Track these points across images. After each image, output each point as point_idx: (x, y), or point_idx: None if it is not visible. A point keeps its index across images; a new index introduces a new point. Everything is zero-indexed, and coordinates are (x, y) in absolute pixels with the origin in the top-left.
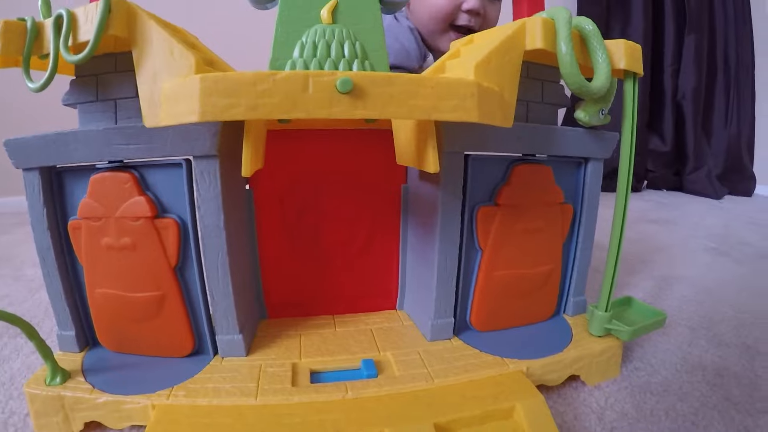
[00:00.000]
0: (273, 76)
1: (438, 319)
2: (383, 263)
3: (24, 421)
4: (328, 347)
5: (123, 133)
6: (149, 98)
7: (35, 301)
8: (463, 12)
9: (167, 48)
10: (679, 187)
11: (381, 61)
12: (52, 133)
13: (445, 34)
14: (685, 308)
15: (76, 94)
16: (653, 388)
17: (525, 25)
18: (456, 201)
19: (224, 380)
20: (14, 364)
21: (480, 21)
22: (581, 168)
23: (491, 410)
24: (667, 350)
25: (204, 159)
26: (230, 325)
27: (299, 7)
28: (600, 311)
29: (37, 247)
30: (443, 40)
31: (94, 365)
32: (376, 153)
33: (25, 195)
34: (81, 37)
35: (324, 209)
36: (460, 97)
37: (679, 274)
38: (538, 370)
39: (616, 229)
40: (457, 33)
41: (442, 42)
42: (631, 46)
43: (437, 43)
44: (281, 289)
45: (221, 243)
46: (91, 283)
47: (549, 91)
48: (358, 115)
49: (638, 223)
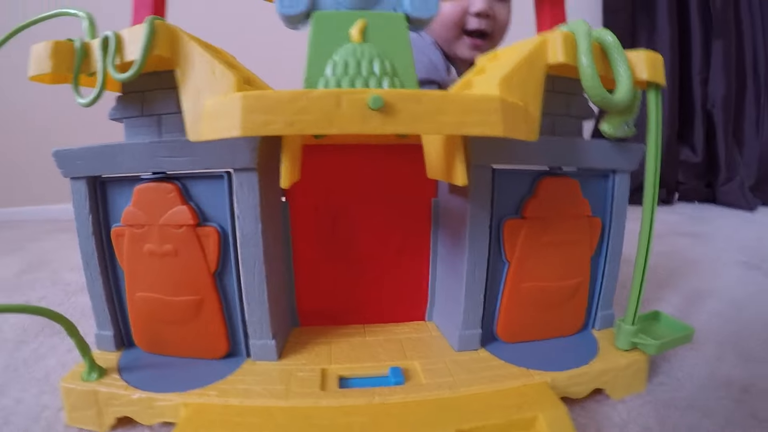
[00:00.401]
0: (308, 94)
1: (465, 330)
2: (413, 275)
3: (57, 415)
4: (357, 355)
5: (167, 146)
6: (192, 114)
7: (71, 304)
8: (471, 16)
9: (209, 68)
10: (711, 199)
11: (410, 78)
12: (100, 145)
13: (460, 39)
14: (713, 323)
15: (122, 109)
16: (678, 403)
17: (546, 40)
18: (484, 213)
19: (255, 382)
20: (49, 362)
21: (490, 23)
22: (608, 180)
23: (514, 420)
24: (693, 365)
25: (243, 171)
26: (264, 330)
27: (330, 27)
28: (627, 325)
29: (81, 251)
30: (459, 46)
31: (129, 364)
32: (407, 167)
33: (72, 203)
34: (127, 57)
35: (356, 221)
36: (485, 112)
37: (709, 288)
38: (563, 382)
39: (642, 240)
40: (470, 38)
41: (458, 48)
42: (653, 56)
43: (454, 51)
44: (313, 298)
45: (258, 251)
46: (131, 287)
47: (574, 103)
48: (389, 131)
49: (669, 236)
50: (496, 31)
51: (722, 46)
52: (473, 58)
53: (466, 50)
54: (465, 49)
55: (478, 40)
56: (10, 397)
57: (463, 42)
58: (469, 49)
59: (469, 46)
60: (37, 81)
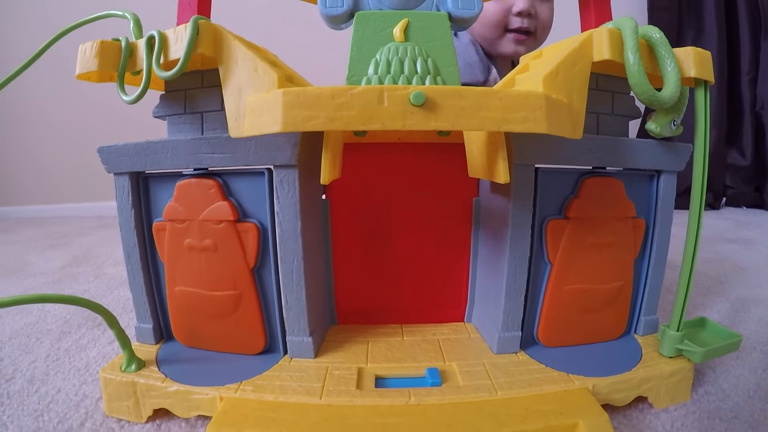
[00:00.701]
0: (350, 90)
1: (505, 333)
2: (453, 275)
3: (95, 405)
4: (395, 354)
5: (209, 143)
6: (235, 111)
7: (113, 297)
8: (514, 16)
9: (252, 66)
10: (759, 204)
11: (452, 77)
12: (143, 141)
13: (503, 38)
14: (762, 332)
15: (165, 107)
16: (723, 414)
17: (592, 37)
18: (526, 214)
19: (291, 379)
20: (90, 353)
21: (533, 22)
22: (654, 181)
23: (554, 426)
24: (740, 375)
25: (284, 168)
26: (301, 327)
27: (373, 27)
28: (672, 331)
29: (123, 245)
30: (503, 44)
31: (167, 357)
32: (448, 166)
33: (115, 197)
34: (171, 56)
35: (396, 220)
36: (529, 108)
37: (758, 295)
38: (605, 388)
39: (689, 242)
40: (515, 34)
41: (502, 47)
42: (701, 53)
43: (498, 49)
44: (352, 296)
45: (297, 248)
46: (171, 281)
47: (619, 102)
48: (431, 127)
49: (716, 242)
50: (539, 29)
51: None
52: (517, 54)
53: (510, 45)
54: (509, 44)
55: (522, 35)
56: (51, 385)
57: (506, 39)
58: (514, 44)
59: (513, 41)
60: (83, 79)
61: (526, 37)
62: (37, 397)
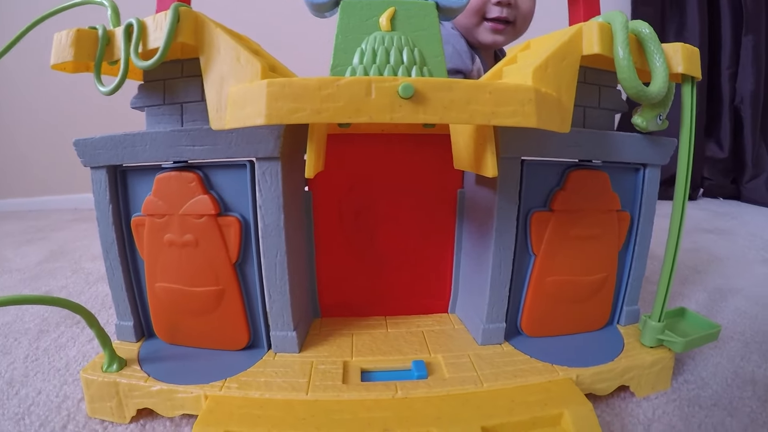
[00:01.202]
0: (337, 82)
1: (489, 324)
2: (437, 266)
3: (77, 406)
4: (380, 347)
5: (189, 135)
6: (216, 102)
7: (92, 294)
8: (493, 5)
9: (234, 55)
10: (736, 196)
11: (439, 67)
12: (120, 134)
13: (480, 26)
14: (739, 321)
15: (144, 97)
16: (702, 401)
17: (581, 30)
18: (512, 206)
19: (276, 375)
20: (70, 352)
21: (513, 12)
22: (638, 174)
23: (539, 416)
24: (718, 364)
25: (267, 161)
26: (285, 321)
27: (358, 15)
28: (653, 321)
29: (101, 241)
30: (480, 33)
31: (149, 355)
32: (433, 157)
33: (92, 192)
34: (150, 44)
35: (380, 212)
36: (519, 102)
37: (734, 285)
38: (588, 378)
39: (672, 236)
40: (492, 23)
41: (479, 35)
42: (689, 49)
43: (476, 37)
44: (335, 290)
45: (280, 242)
46: (151, 277)
47: (606, 96)
48: (419, 120)
49: (693, 232)
50: (518, 19)
51: (752, 41)
52: (495, 44)
53: (488, 35)
54: (487, 34)
55: (499, 24)
56: (31, 387)
57: (483, 27)
58: (491, 33)
59: (490, 30)
60: (58, 69)
61: (504, 27)
62: (18, 399)
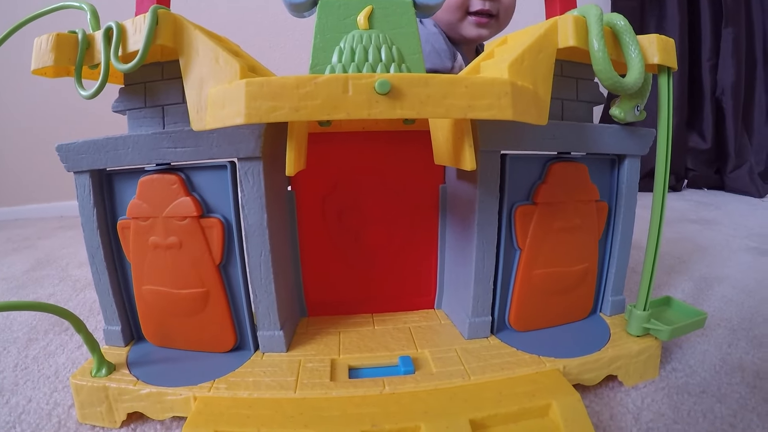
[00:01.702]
0: (314, 80)
1: (475, 318)
2: (422, 262)
3: (68, 413)
4: (367, 344)
5: (170, 137)
6: (196, 103)
7: (80, 300)
8: None
9: (213, 56)
10: (720, 186)
11: (417, 65)
12: (102, 138)
13: (464, 21)
14: (725, 309)
15: (125, 101)
16: (691, 389)
17: (557, 24)
18: (493, 199)
19: (264, 374)
20: (59, 359)
21: (495, 4)
22: (618, 165)
23: (527, 408)
24: (706, 351)
25: (248, 161)
26: (271, 321)
27: (336, 14)
28: (638, 310)
29: (87, 246)
30: (464, 27)
31: (138, 359)
32: (414, 154)
33: (76, 197)
34: (130, 48)
35: (364, 209)
36: (495, 95)
37: (720, 274)
38: (575, 369)
39: (654, 224)
40: (476, 17)
41: (464, 30)
42: (664, 40)
43: (460, 33)
44: (321, 288)
45: (264, 241)
46: (138, 280)
47: (584, 88)
48: (396, 115)
49: (678, 222)
50: (501, 12)
51: (732, 33)
52: (480, 37)
53: (472, 29)
54: (471, 28)
55: (483, 18)
56: (21, 395)
57: (467, 22)
58: (475, 27)
59: (474, 24)
60: (39, 75)
61: (488, 20)
62: (8, 408)
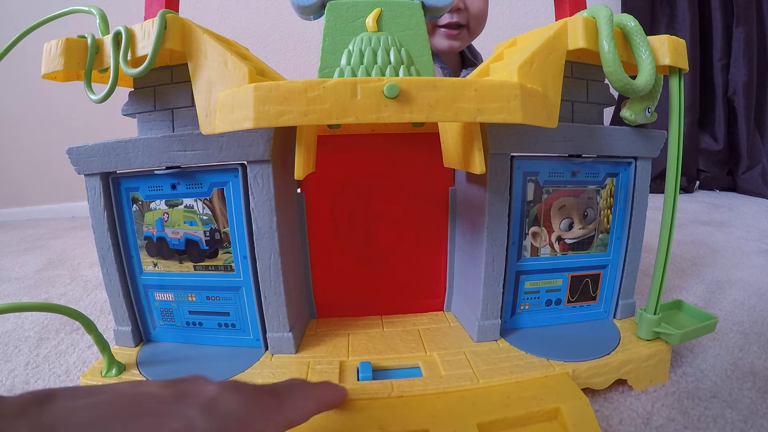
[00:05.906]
0: (323, 84)
1: (485, 321)
2: (431, 265)
3: None
4: (376, 346)
5: (180, 141)
6: (205, 107)
7: (91, 300)
8: None
9: (221, 60)
10: (732, 188)
11: (426, 67)
12: (113, 141)
13: (435, 34)
14: (737, 312)
15: (135, 104)
16: (702, 393)
17: (566, 25)
18: (503, 202)
19: (273, 375)
20: (70, 359)
21: (464, 15)
22: (629, 167)
23: (535, 411)
24: (717, 355)
25: (258, 164)
26: (281, 323)
27: (345, 17)
28: (648, 314)
29: (97, 247)
30: (435, 40)
31: (147, 359)
32: (423, 156)
33: (87, 199)
34: (139, 52)
35: (373, 212)
36: (504, 98)
37: (732, 277)
38: (585, 372)
39: (665, 227)
40: (446, 30)
41: (435, 42)
42: (675, 41)
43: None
44: (331, 290)
45: (274, 244)
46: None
47: (594, 90)
48: (405, 119)
49: (690, 225)
50: (471, 21)
51: (744, 32)
52: (452, 49)
53: (443, 41)
54: (442, 40)
55: (453, 30)
56: None
57: (438, 34)
58: (446, 39)
59: (445, 36)
60: (49, 79)
61: (458, 32)
62: None
